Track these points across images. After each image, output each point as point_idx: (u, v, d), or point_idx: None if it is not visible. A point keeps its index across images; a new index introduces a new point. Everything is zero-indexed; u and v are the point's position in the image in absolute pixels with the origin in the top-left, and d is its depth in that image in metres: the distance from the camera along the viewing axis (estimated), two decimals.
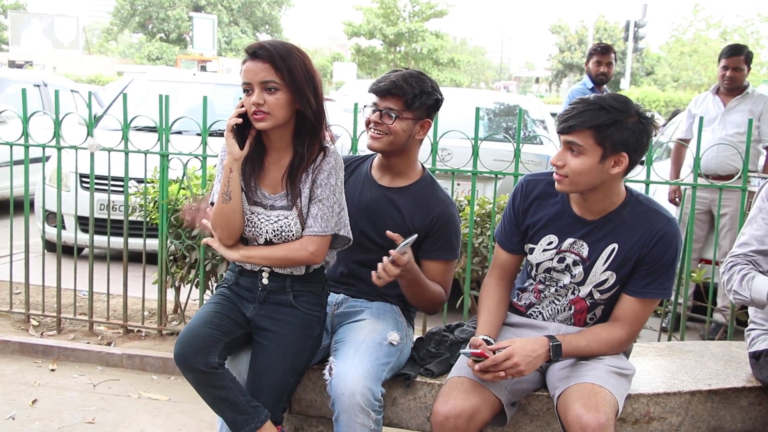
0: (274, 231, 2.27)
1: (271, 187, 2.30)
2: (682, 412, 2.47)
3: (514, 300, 2.48)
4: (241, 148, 2.24)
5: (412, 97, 2.44)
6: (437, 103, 2.52)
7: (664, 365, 2.69)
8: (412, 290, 2.48)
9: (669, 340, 3.86)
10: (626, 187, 2.29)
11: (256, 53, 2.19)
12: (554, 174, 2.21)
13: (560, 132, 2.16)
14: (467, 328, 2.71)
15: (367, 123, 2.51)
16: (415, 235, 2.36)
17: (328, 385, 2.28)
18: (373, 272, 2.34)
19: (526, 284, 2.43)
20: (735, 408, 2.53)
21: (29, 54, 32.75)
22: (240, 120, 2.22)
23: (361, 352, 2.33)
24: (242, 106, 2.22)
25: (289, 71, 2.18)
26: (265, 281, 2.34)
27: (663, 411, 2.45)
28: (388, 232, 2.39)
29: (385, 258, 2.32)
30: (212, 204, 2.32)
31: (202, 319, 2.29)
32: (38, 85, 8.37)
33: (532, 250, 2.36)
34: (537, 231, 2.34)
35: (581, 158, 2.12)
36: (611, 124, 2.09)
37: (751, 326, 2.61)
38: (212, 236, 2.34)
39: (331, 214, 2.27)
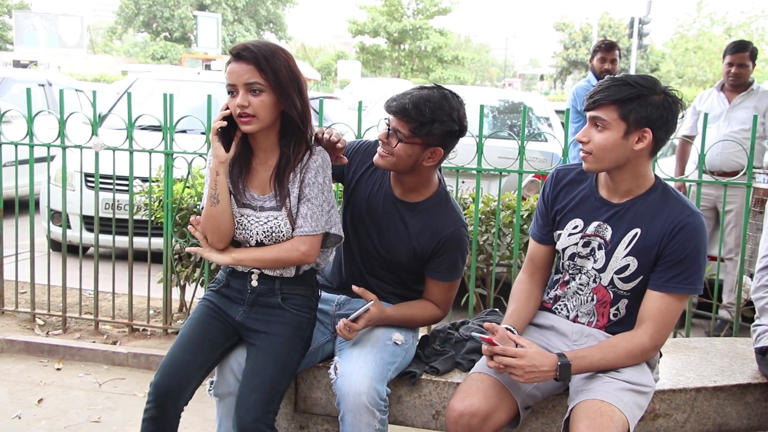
0: (264, 232, 2.27)
1: (260, 188, 2.30)
2: (688, 409, 2.46)
3: (544, 297, 2.46)
4: (227, 150, 2.23)
5: (419, 124, 2.29)
6: (453, 133, 2.36)
7: (670, 362, 2.69)
8: (396, 324, 2.48)
9: (674, 336, 3.86)
10: (656, 176, 2.27)
11: (240, 54, 2.17)
12: (580, 152, 2.21)
13: (586, 109, 2.17)
14: (472, 326, 2.72)
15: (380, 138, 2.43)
16: (369, 304, 2.36)
17: (333, 385, 2.28)
18: (338, 325, 2.37)
19: (556, 278, 2.42)
20: (741, 404, 2.52)
21: (34, 53, 32.76)
22: (225, 123, 2.21)
23: (366, 352, 2.33)
24: (227, 108, 2.20)
25: (274, 73, 2.17)
26: (254, 283, 2.34)
27: (668, 408, 2.44)
28: (354, 287, 2.40)
29: (342, 321, 2.33)
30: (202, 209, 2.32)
31: (180, 358, 2.29)
32: (43, 85, 8.39)
33: (559, 237, 2.35)
34: (564, 215, 2.33)
35: (605, 133, 2.13)
36: (634, 98, 2.09)
37: (756, 322, 2.61)
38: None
39: (321, 213, 2.26)
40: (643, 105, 2.10)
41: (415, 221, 2.46)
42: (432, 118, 2.30)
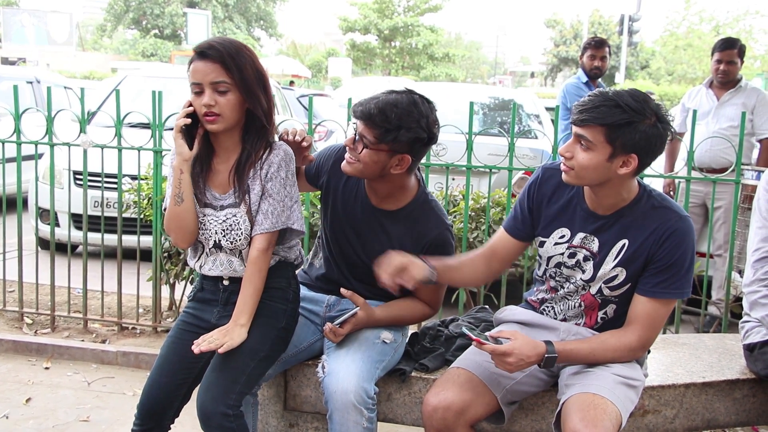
0: (222, 231, 2.24)
1: (221, 187, 2.27)
2: (677, 405, 2.47)
3: (530, 297, 2.44)
4: (190, 148, 2.21)
5: (384, 131, 2.22)
6: (421, 141, 2.28)
7: (659, 358, 2.70)
8: (385, 325, 2.46)
9: (664, 332, 3.87)
10: (639, 183, 2.22)
11: (205, 53, 2.14)
12: (561, 164, 2.17)
13: (573, 123, 2.10)
14: (462, 323, 2.72)
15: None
16: (356, 309, 2.35)
17: (321, 383, 2.28)
18: (324, 328, 2.37)
19: (541, 277, 2.38)
20: (729, 400, 2.54)
21: (22, 51, 32.56)
22: (189, 121, 2.18)
23: (354, 351, 2.32)
24: (189, 105, 2.18)
25: (240, 71, 2.14)
26: (225, 282, 2.32)
27: (658, 404, 2.45)
28: (343, 290, 2.39)
29: (327, 325, 2.34)
30: (165, 210, 2.29)
31: (158, 381, 2.27)
32: (31, 82, 8.33)
33: (543, 244, 2.31)
34: (550, 223, 2.29)
35: (589, 153, 2.06)
36: (624, 124, 2.00)
37: (745, 318, 2.62)
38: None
39: (282, 209, 2.22)
40: (632, 132, 2.01)
41: (397, 229, 2.42)
42: (398, 125, 2.22)
